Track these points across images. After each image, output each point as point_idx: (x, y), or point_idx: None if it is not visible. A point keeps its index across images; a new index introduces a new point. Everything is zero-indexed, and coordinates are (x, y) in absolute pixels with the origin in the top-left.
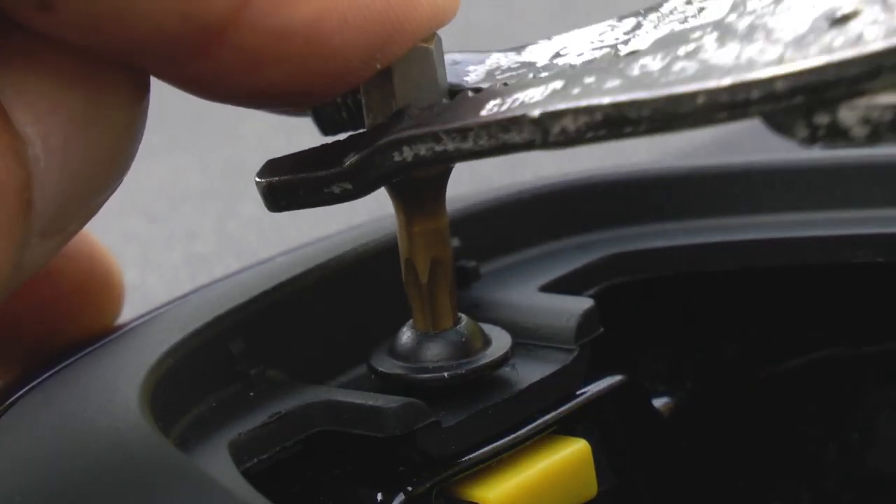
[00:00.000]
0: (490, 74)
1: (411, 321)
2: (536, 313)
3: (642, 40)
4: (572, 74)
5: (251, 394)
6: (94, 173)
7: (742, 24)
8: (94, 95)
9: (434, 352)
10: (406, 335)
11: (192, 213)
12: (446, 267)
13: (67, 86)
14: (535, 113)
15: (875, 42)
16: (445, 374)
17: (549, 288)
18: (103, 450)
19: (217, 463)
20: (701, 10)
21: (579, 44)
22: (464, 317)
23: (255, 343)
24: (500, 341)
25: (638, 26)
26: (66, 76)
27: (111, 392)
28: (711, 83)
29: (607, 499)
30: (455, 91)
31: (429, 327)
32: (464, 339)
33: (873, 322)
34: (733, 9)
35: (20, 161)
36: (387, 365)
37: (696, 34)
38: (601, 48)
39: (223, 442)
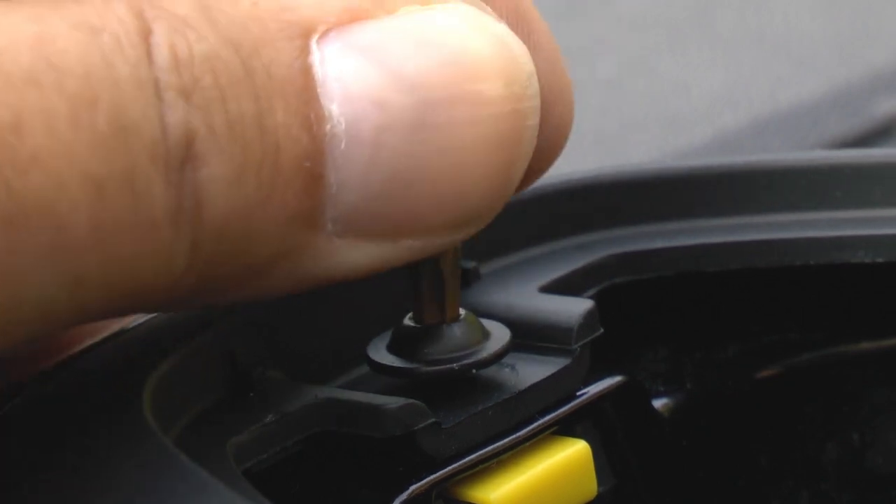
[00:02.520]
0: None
1: (411, 314)
2: (536, 314)
3: None
4: None
5: (251, 394)
6: (424, 186)
7: None
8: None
9: (436, 344)
10: (407, 328)
11: None
12: (449, 258)
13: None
14: None
15: None
16: (455, 366)
17: (549, 288)
18: (103, 449)
19: (217, 463)
20: None
21: None
22: (463, 310)
23: (255, 343)
24: (500, 334)
25: None
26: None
27: (111, 391)
28: None
29: (607, 499)
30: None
31: (430, 320)
32: (465, 332)
33: (873, 322)
34: None
35: (308, 129)
36: (387, 358)
37: None
38: None
39: (223, 442)
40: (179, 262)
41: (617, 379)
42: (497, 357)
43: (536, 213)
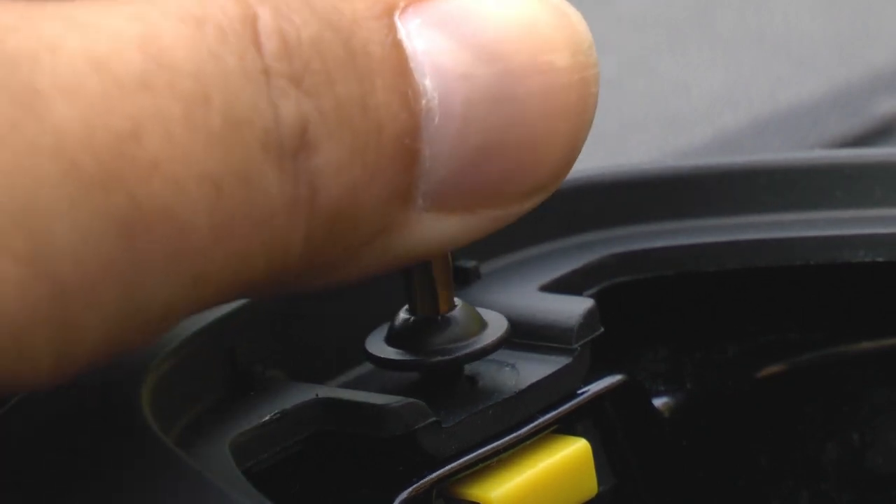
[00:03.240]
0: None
1: (406, 306)
2: (536, 313)
3: None
4: None
5: (251, 393)
6: (506, 156)
7: None
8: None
9: (433, 335)
10: (404, 319)
11: None
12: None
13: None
14: None
15: None
16: (454, 356)
17: (549, 288)
18: (103, 449)
19: (217, 463)
20: None
21: None
22: (459, 301)
23: (255, 343)
24: (498, 323)
25: None
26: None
27: (111, 391)
28: None
29: (607, 499)
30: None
31: (425, 311)
32: (463, 322)
33: (873, 322)
34: None
35: (407, 106)
36: (385, 350)
37: None
38: None
39: (223, 442)
40: (295, 250)
41: (617, 378)
42: (496, 346)
43: (537, 213)
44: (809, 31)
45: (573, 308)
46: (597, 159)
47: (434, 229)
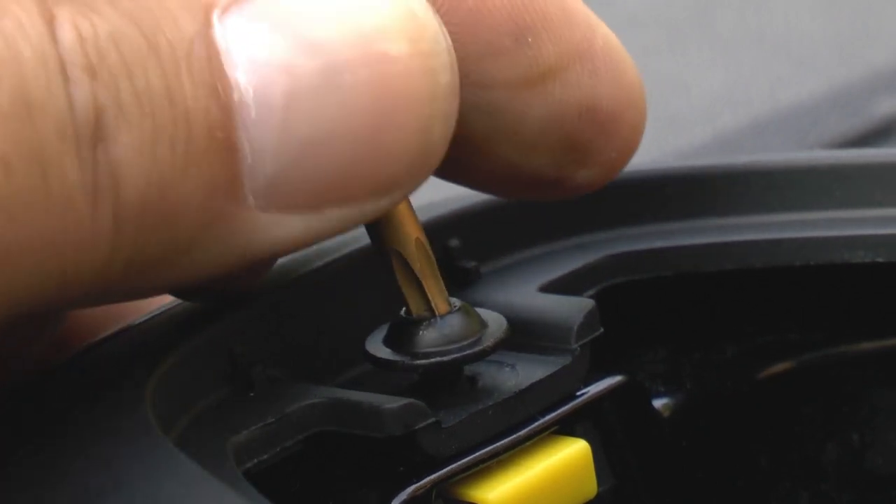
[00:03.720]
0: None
1: (405, 309)
2: (536, 313)
3: None
4: None
5: (251, 393)
6: (339, 149)
7: None
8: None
9: (431, 336)
10: (403, 320)
11: None
12: (412, 248)
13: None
14: None
15: None
16: (454, 357)
17: (548, 288)
18: (104, 448)
19: (217, 463)
20: None
21: None
22: (457, 301)
23: (255, 343)
24: (497, 324)
25: None
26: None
27: (113, 390)
28: None
29: (607, 499)
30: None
31: (419, 312)
32: (460, 323)
33: (873, 322)
34: None
35: (216, 99)
36: (383, 351)
37: None
38: None
39: (223, 442)
40: (104, 239)
41: (617, 379)
42: (494, 348)
43: (536, 214)
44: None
45: (573, 308)
46: None
47: (276, 228)
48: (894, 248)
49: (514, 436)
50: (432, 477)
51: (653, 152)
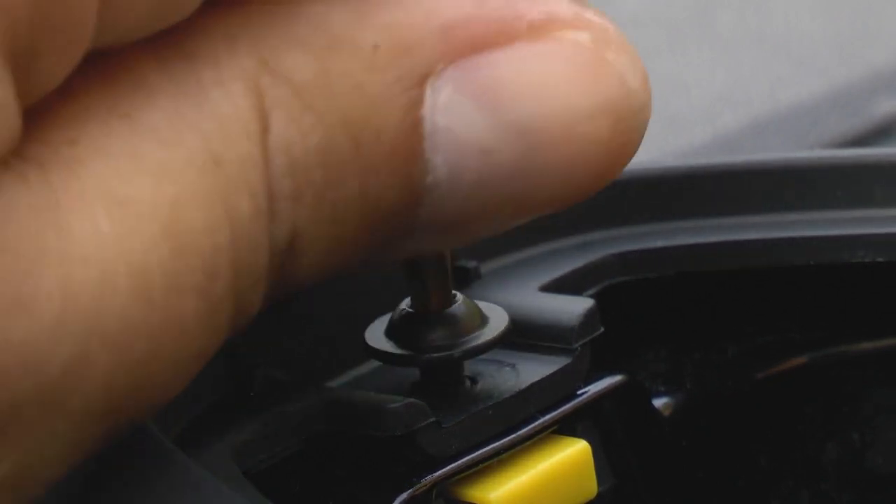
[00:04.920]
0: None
1: (407, 301)
2: (537, 313)
3: None
4: None
5: (252, 393)
6: (515, 213)
7: None
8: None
9: (435, 330)
10: (404, 313)
11: None
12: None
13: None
14: None
15: None
16: (461, 350)
17: (549, 288)
18: (103, 449)
19: (217, 463)
20: None
21: None
22: (459, 295)
23: (255, 343)
24: (499, 318)
25: None
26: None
27: None
28: None
29: (607, 499)
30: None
31: (428, 306)
32: (463, 317)
33: (873, 322)
34: None
35: (409, 185)
36: (385, 344)
37: None
38: None
39: (224, 442)
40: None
41: (617, 378)
42: (496, 342)
43: None
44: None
45: (573, 308)
46: None
47: (434, 244)
48: (894, 248)
49: (515, 435)
50: (432, 477)
51: (653, 152)
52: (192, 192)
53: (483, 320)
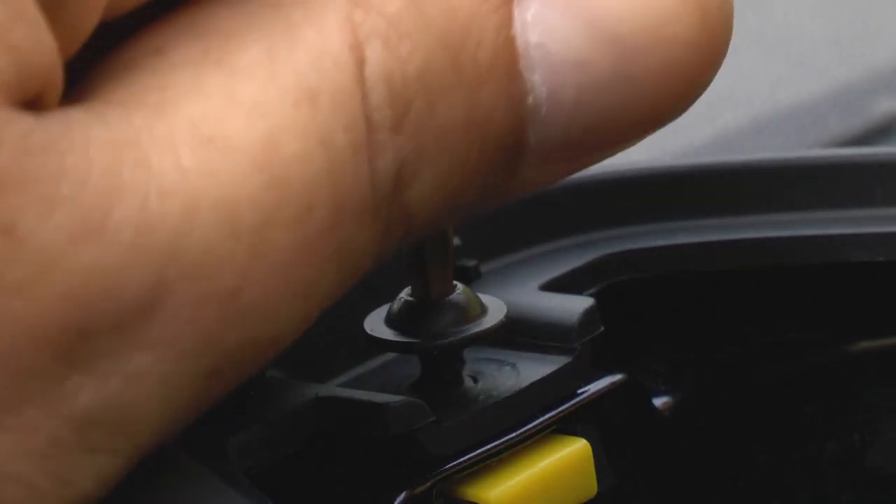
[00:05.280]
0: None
1: (408, 289)
2: (537, 312)
3: None
4: None
5: (252, 393)
6: (620, 135)
7: None
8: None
9: (435, 318)
10: (404, 303)
11: None
12: (445, 232)
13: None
14: None
15: None
16: (461, 337)
17: (549, 287)
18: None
19: (218, 463)
20: None
21: None
22: (460, 284)
23: None
24: (497, 307)
25: None
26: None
27: None
28: None
29: (607, 499)
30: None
31: (429, 295)
32: (464, 306)
33: (873, 322)
34: None
35: (512, 107)
36: (384, 332)
37: None
38: None
39: (224, 441)
40: (382, 247)
41: (617, 377)
42: (495, 330)
43: (536, 213)
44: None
45: (573, 307)
46: None
47: (544, 175)
48: (894, 247)
49: (515, 435)
50: (433, 476)
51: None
52: (287, 127)
53: (483, 309)
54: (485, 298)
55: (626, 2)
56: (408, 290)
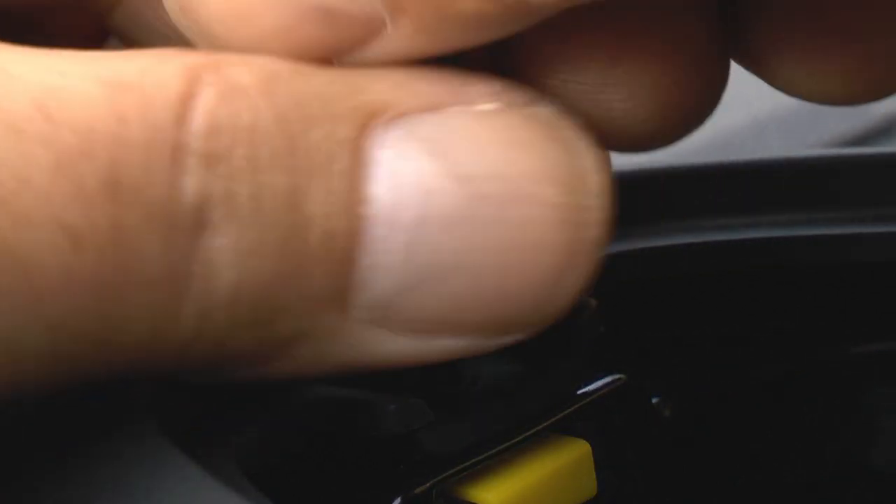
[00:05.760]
0: None
1: None
2: None
3: None
4: None
5: (251, 394)
6: (460, 283)
7: None
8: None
9: None
10: None
11: None
12: None
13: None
14: None
15: None
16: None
17: None
18: (105, 449)
19: (218, 463)
20: None
21: None
22: None
23: None
24: None
25: None
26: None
27: (113, 391)
28: None
29: (607, 499)
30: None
31: None
32: None
33: (873, 322)
34: None
35: (347, 211)
36: None
37: None
38: None
39: (224, 441)
40: (186, 326)
41: (617, 377)
42: None
43: None
44: None
45: (574, 307)
46: None
47: (381, 346)
48: (894, 248)
49: (515, 435)
50: (433, 476)
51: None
52: None
53: None
54: None
55: (482, 153)
56: None
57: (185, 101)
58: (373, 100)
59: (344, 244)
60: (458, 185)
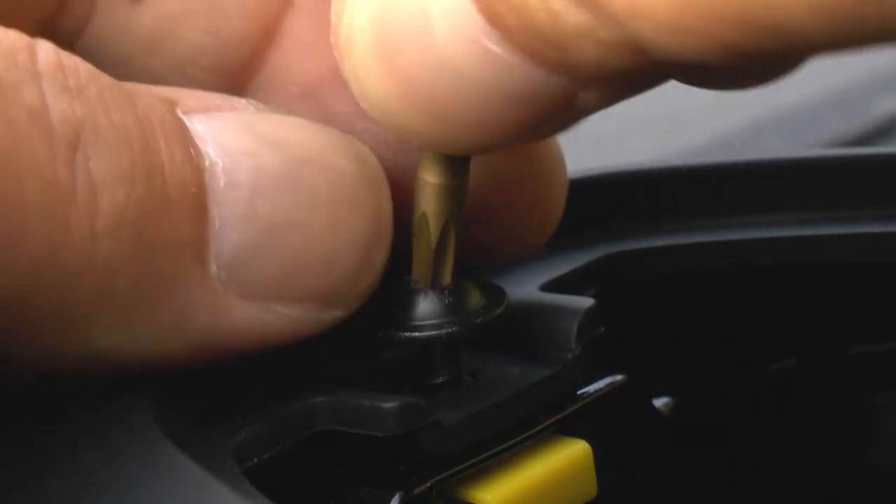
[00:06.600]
0: None
1: (407, 278)
2: (537, 312)
3: None
4: None
5: (252, 393)
6: (295, 241)
7: None
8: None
9: (436, 307)
10: (407, 293)
11: None
12: (431, 226)
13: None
14: None
15: None
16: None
17: (549, 287)
18: (105, 448)
19: (218, 463)
20: None
21: None
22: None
23: None
24: (497, 293)
25: None
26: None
27: (114, 391)
28: None
29: (607, 499)
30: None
31: (430, 284)
32: (463, 295)
33: (874, 322)
34: None
35: (189, 158)
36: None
37: None
38: None
39: (224, 442)
40: (79, 247)
41: (617, 378)
42: (496, 319)
43: None
44: None
45: (574, 307)
46: (597, 159)
47: (233, 313)
48: (894, 247)
49: (515, 435)
50: (433, 476)
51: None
52: None
53: (480, 300)
54: (488, 288)
55: (288, 130)
56: (406, 278)
57: (31, 48)
58: (166, 96)
59: (196, 189)
60: (275, 149)
